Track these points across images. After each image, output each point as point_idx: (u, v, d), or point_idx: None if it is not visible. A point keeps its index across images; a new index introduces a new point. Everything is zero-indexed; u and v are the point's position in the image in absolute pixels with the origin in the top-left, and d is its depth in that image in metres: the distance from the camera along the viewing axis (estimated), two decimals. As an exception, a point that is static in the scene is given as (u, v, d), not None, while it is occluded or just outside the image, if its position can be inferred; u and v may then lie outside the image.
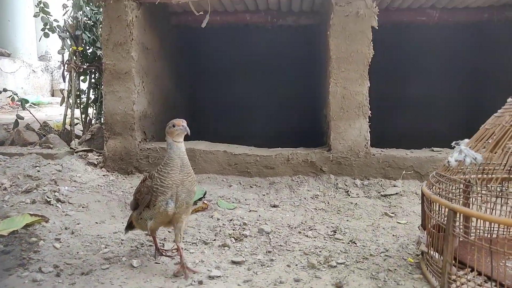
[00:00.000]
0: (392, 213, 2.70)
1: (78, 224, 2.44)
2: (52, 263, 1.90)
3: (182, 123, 1.76)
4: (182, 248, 1.82)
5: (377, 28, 3.25)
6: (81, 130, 4.62)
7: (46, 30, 4.30)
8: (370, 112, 3.34)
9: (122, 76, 3.49)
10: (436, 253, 1.63)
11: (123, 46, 3.46)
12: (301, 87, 5.26)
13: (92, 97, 4.71)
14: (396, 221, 2.56)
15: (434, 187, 1.64)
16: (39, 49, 8.18)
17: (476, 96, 5.01)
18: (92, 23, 4.52)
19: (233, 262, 1.90)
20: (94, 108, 4.70)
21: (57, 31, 4.33)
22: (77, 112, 4.50)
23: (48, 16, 4.32)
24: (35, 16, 4.33)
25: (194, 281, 1.71)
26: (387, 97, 4.95)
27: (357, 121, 3.35)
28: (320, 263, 1.87)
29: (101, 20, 4.53)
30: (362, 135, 3.35)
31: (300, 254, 1.98)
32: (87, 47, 4.51)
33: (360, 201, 2.94)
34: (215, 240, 2.17)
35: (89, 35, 4.41)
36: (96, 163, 3.66)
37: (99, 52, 4.44)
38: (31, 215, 2.48)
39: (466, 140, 1.67)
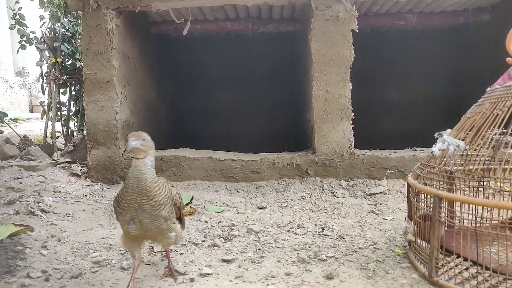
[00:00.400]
0: (378, 210, 2.74)
1: (64, 232, 2.39)
2: (40, 269, 1.86)
3: (130, 137, 1.49)
4: (170, 251, 1.78)
5: (357, 31, 3.35)
6: (63, 143, 4.56)
7: (23, 42, 4.24)
8: (353, 114, 3.41)
9: (104, 85, 3.48)
10: (423, 242, 1.67)
11: (104, 55, 3.45)
12: (284, 93, 5.34)
13: (73, 109, 4.65)
14: (383, 217, 2.61)
15: (419, 177, 1.68)
16: (16, 64, 8.05)
17: (454, 97, 5.17)
18: (71, 35, 4.49)
19: (224, 260, 1.90)
20: (76, 120, 4.63)
21: (34, 43, 4.27)
22: (58, 125, 4.43)
23: (24, 28, 4.26)
24: (10, 28, 4.27)
25: (186, 279, 1.70)
26: (368, 100, 5.06)
27: (341, 123, 3.41)
28: (310, 257, 1.89)
29: (80, 31, 4.52)
30: (346, 137, 3.41)
31: (290, 250, 1.99)
32: (66, 59, 4.47)
33: (346, 201, 2.98)
34: (204, 241, 2.17)
35: (68, 47, 4.37)
36: (79, 174, 3.61)
37: (78, 64, 4.41)
38: (15, 225, 2.42)
39: (449, 130, 1.73)
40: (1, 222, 2.59)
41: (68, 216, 2.78)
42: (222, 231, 2.29)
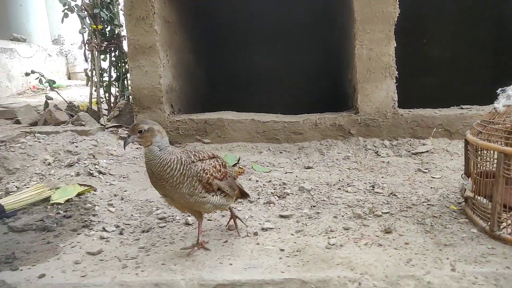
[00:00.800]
0: (426, 169, 2.75)
1: (125, 191, 2.55)
2: (112, 224, 2.02)
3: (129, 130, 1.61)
4: (202, 220, 1.75)
5: (403, -14, 3.22)
6: (105, 109, 4.71)
7: (66, 11, 4.31)
8: (397, 72, 3.35)
9: (147, 50, 3.53)
10: (483, 198, 1.69)
11: (146, 20, 3.49)
12: (320, 53, 5.25)
13: (113, 75, 4.76)
14: (431, 176, 2.62)
15: (480, 134, 1.68)
16: (52, 32, 8.20)
17: (498, 52, 4.95)
18: (109, 1, 4.52)
19: (281, 216, 1.99)
20: (117, 85, 4.76)
21: (75, 11, 4.34)
22: (100, 91, 4.57)
23: (65, -4, 4.32)
24: (53, -4, 4.34)
25: (249, 233, 1.81)
26: (409, 57, 4.92)
27: (384, 82, 3.36)
28: (365, 213, 1.95)
29: (118, -3, 4.54)
30: (390, 96, 3.37)
31: (344, 207, 2.06)
32: (105, 25, 4.53)
33: (392, 160, 3.00)
34: (259, 198, 2.26)
35: (106, 13, 4.42)
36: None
37: (117, 30, 4.47)
38: (80, 185, 2.59)
39: (512, 86, 1.70)
40: (65, 182, 2.78)
41: (123, 177, 2.94)
42: (274, 189, 2.38)
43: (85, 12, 4.32)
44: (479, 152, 1.71)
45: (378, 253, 1.53)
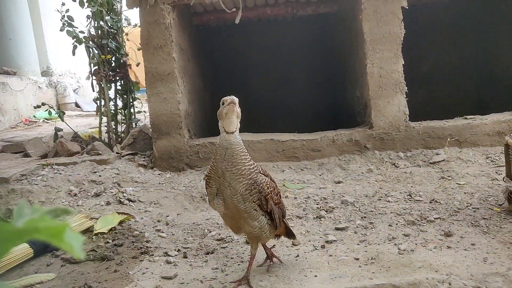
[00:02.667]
0: (449, 176, 2.91)
1: (167, 216, 2.56)
2: (171, 248, 2.04)
3: (228, 97, 1.56)
4: (254, 255, 1.66)
5: (407, 7, 3.45)
6: (109, 138, 4.69)
7: (74, 43, 4.34)
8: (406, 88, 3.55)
9: (165, 77, 3.60)
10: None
11: (163, 48, 3.57)
12: (322, 73, 5.45)
13: (119, 103, 4.78)
14: (456, 182, 2.77)
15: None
16: (41, 64, 8.13)
17: (484, 66, 5.29)
18: (115, 31, 4.59)
19: (337, 229, 2.07)
20: (123, 114, 4.77)
21: (83, 42, 4.38)
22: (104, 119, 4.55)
23: (73, 28, 4.36)
24: (60, 30, 4.37)
25: (316, 246, 1.87)
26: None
27: (395, 97, 3.55)
28: (418, 220, 2.06)
29: (122, 28, 4.62)
30: (401, 110, 3.55)
31: (394, 215, 2.16)
32: (112, 55, 4.58)
33: (413, 170, 3.14)
34: (306, 214, 2.33)
35: (114, 43, 4.48)
36: (145, 164, 3.77)
37: (123, 59, 4.52)
38: (118, 213, 2.59)
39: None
40: (98, 212, 2.77)
41: (154, 204, 2.95)
42: (318, 204, 2.46)
43: (91, 43, 4.37)
44: (524, 155, 1.86)
45: (452, 255, 1.63)
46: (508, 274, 1.42)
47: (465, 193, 2.46)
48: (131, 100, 4.61)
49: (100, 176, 3.33)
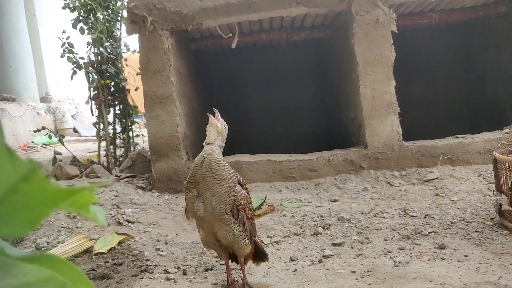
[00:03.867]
0: (442, 193, 2.96)
1: (166, 236, 2.59)
2: (171, 266, 2.06)
3: (210, 119, 1.75)
4: (242, 262, 1.71)
5: (396, 32, 3.60)
6: (107, 161, 4.74)
7: (74, 69, 4.46)
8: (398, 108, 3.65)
9: (163, 100, 3.70)
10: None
11: (162, 72, 3.68)
12: (315, 95, 5.58)
13: (117, 127, 4.85)
14: (449, 199, 2.83)
15: None
16: (39, 91, 8.26)
17: (473, 89, 5.44)
18: (114, 57, 4.72)
19: (334, 244, 2.11)
20: (122, 138, 4.83)
21: (83, 68, 4.49)
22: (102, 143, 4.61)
23: (74, 55, 4.48)
24: (61, 56, 4.49)
25: (313, 261, 1.91)
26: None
27: (388, 118, 3.65)
28: (412, 234, 2.10)
29: (121, 53, 4.75)
30: (395, 130, 3.64)
31: (389, 230, 2.21)
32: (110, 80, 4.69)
33: (407, 188, 3.20)
34: (304, 231, 2.37)
35: (113, 68, 4.60)
36: (144, 186, 3.80)
37: (122, 84, 4.63)
38: (117, 233, 2.61)
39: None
40: (97, 233, 2.79)
41: (153, 224, 2.97)
42: (315, 222, 2.50)
43: (91, 68, 4.49)
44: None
45: (445, 265, 1.67)
46: (500, 283, 1.46)
47: (458, 208, 2.52)
48: (129, 124, 4.69)
49: (99, 198, 3.36)
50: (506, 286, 1.45)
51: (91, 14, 4.32)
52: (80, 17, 4.32)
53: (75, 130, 8.54)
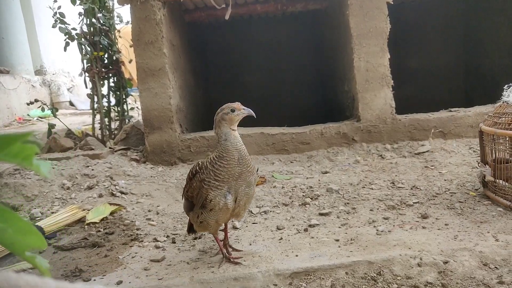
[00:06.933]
0: (432, 166, 3.00)
1: (158, 206, 2.63)
2: (160, 235, 2.11)
3: (241, 106, 1.69)
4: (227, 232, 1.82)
5: (392, 3, 3.54)
6: (102, 134, 4.74)
7: (67, 40, 4.39)
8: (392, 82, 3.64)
9: (156, 72, 3.67)
10: (503, 181, 1.92)
11: (154, 44, 3.63)
12: (311, 68, 5.53)
13: (112, 100, 4.84)
14: (438, 171, 2.86)
15: (497, 124, 1.92)
16: (34, 63, 8.16)
17: (471, 61, 5.39)
18: (107, 28, 4.64)
19: (321, 214, 2.15)
20: (116, 110, 4.82)
21: (76, 39, 4.43)
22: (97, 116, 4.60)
23: (66, 25, 4.41)
24: (53, 27, 4.42)
25: (299, 230, 1.95)
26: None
27: (382, 91, 3.64)
28: (398, 204, 2.14)
29: (114, 25, 4.67)
30: (388, 104, 3.64)
31: (375, 201, 2.25)
32: (104, 52, 4.63)
33: (398, 161, 3.23)
34: (292, 202, 2.41)
35: (106, 40, 4.53)
36: (138, 158, 3.83)
37: (116, 56, 4.57)
38: (110, 204, 2.66)
39: (516, 82, 1.96)
40: (90, 204, 2.84)
41: (146, 196, 3.01)
42: (304, 192, 2.54)
43: (83, 40, 4.42)
44: (496, 140, 1.95)
45: (425, 234, 1.71)
46: (475, 249, 1.51)
47: (445, 180, 2.55)
48: (124, 97, 4.67)
49: (93, 170, 3.39)
50: (481, 252, 1.49)
51: (82, -17, 4.22)
52: (72, -14, 4.23)
53: (71, 103, 8.50)
